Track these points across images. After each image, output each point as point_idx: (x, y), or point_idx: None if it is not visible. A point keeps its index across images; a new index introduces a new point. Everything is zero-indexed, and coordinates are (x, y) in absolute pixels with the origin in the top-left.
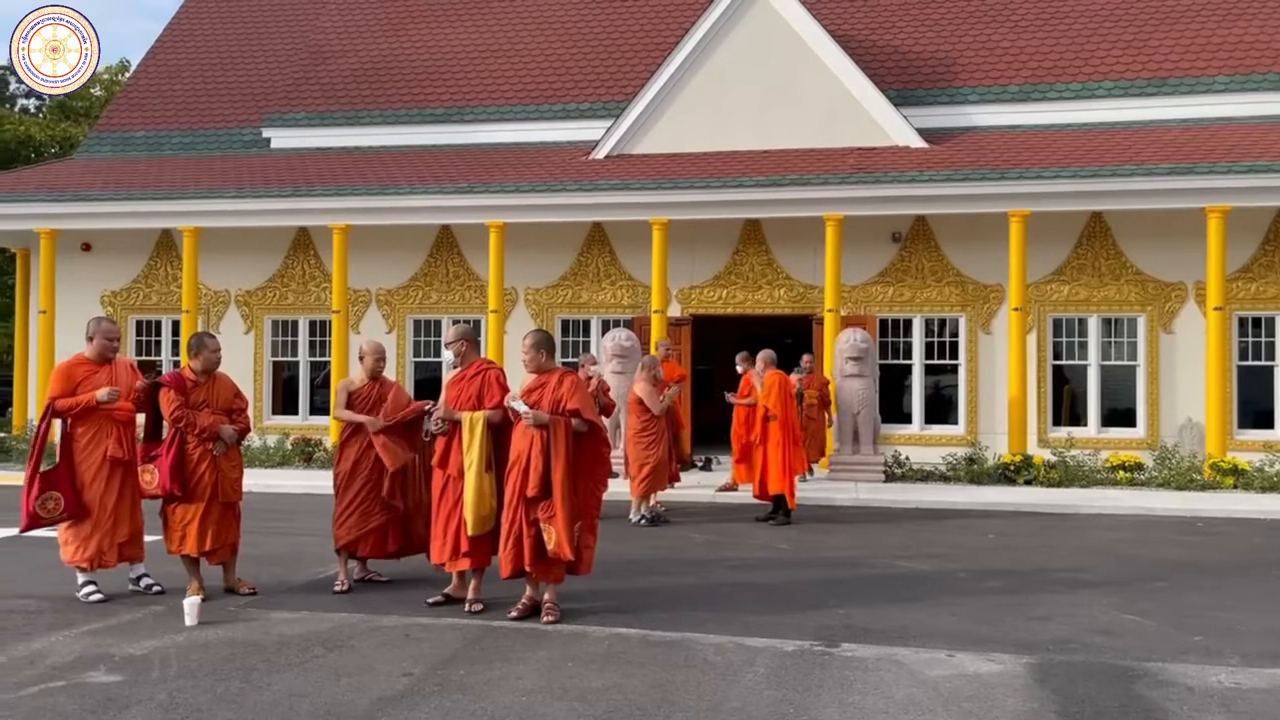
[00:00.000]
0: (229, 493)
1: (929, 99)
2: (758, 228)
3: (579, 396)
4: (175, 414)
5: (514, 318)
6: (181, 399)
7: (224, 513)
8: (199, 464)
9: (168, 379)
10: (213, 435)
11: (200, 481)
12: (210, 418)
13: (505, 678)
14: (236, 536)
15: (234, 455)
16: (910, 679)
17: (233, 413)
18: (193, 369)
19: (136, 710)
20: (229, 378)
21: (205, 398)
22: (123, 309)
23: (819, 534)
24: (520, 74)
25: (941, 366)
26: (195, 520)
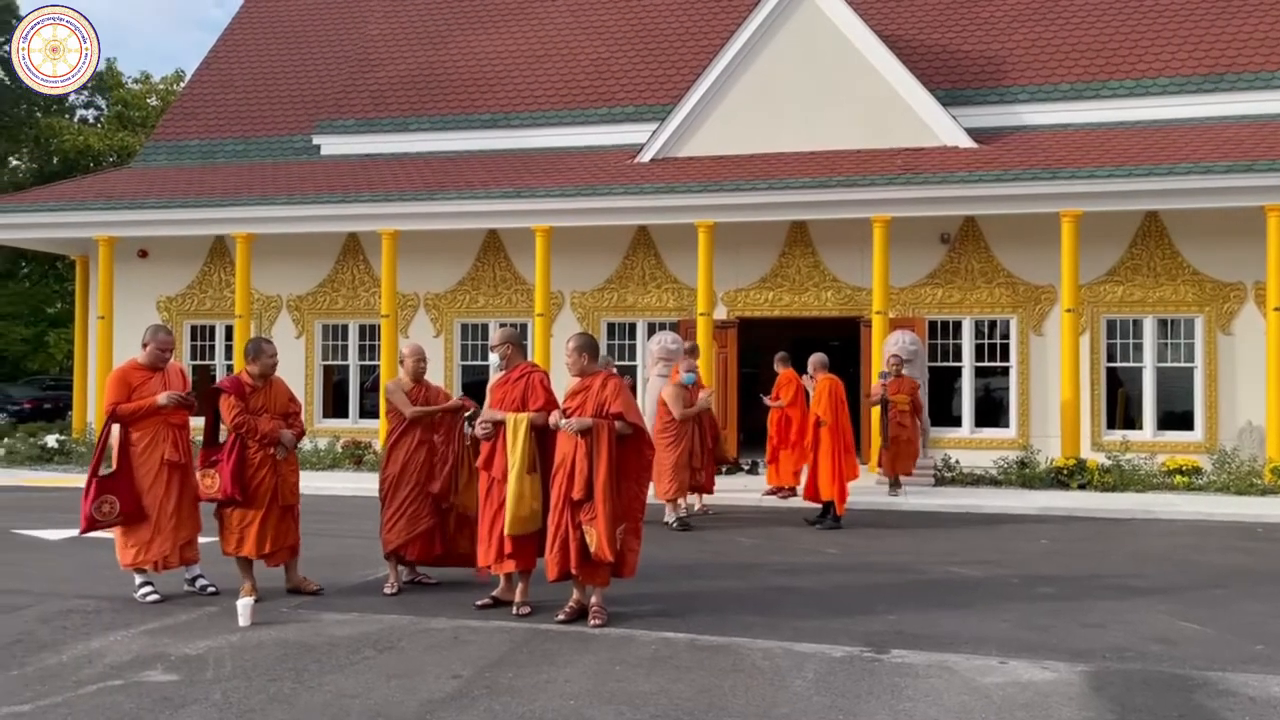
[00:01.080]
0: (288, 496)
1: (978, 98)
2: (804, 229)
3: (622, 400)
4: (236, 419)
5: (560, 321)
6: (241, 404)
7: (282, 515)
8: (259, 468)
9: (227, 384)
10: (273, 440)
11: (261, 485)
12: (270, 423)
13: (553, 681)
14: (296, 539)
15: (292, 459)
16: (962, 686)
17: (288, 416)
18: (250, 374)
19: (192, 709)
20: (284, 382)
21: (264, 402)
22: (178, 314)
23: (867, 539)
24: (566, 79)
25: (992, 369)
26: (255, 523)
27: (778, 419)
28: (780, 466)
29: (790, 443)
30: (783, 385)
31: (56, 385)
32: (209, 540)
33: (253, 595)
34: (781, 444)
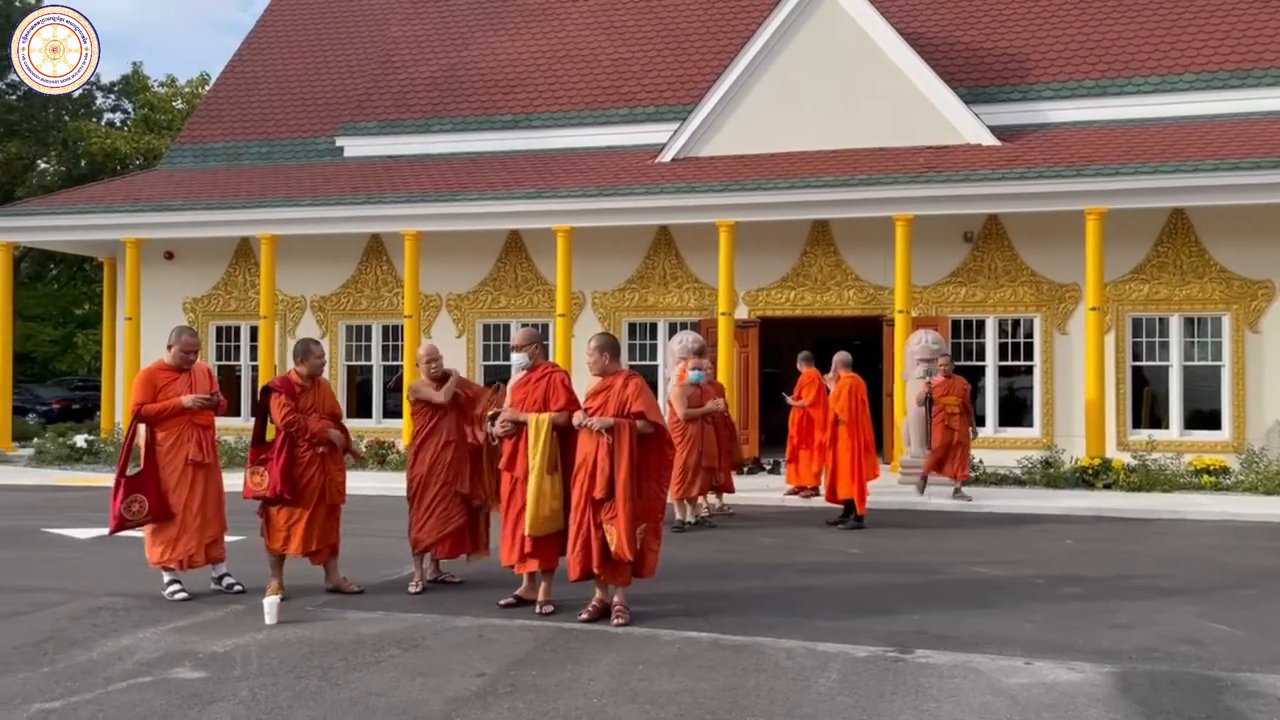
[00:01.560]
0: (334, 495)
1: (1001, 96)
2: (826, 229)
3: (644, 399)
4: (287, 418)
5: (581, 321)
6: (292, 403)
7: (328, 514)
8: (308, 467)
9: (278, 384)
10: (322, 439)
11: (309, 484)
12: (320, 422)
13: (577, 680)
14: (337, 538)
15: (339, 459)
16: (987, 687)
17: (336, 417)
18: (299, 374)
19: (220, 706)
20: (329, 384)
21: (312, 402)
22: (203, 315)
23: (890, 539)
24: (587, 79)
25: (1015, 368)
26: (302, 521)
27: (799, 419)
28: (800, 466)
29: (812, 443)
30: (805, 385)
31: (85, 386)
32: (235, 539)
33: (279, 594)
34: (803, 444)
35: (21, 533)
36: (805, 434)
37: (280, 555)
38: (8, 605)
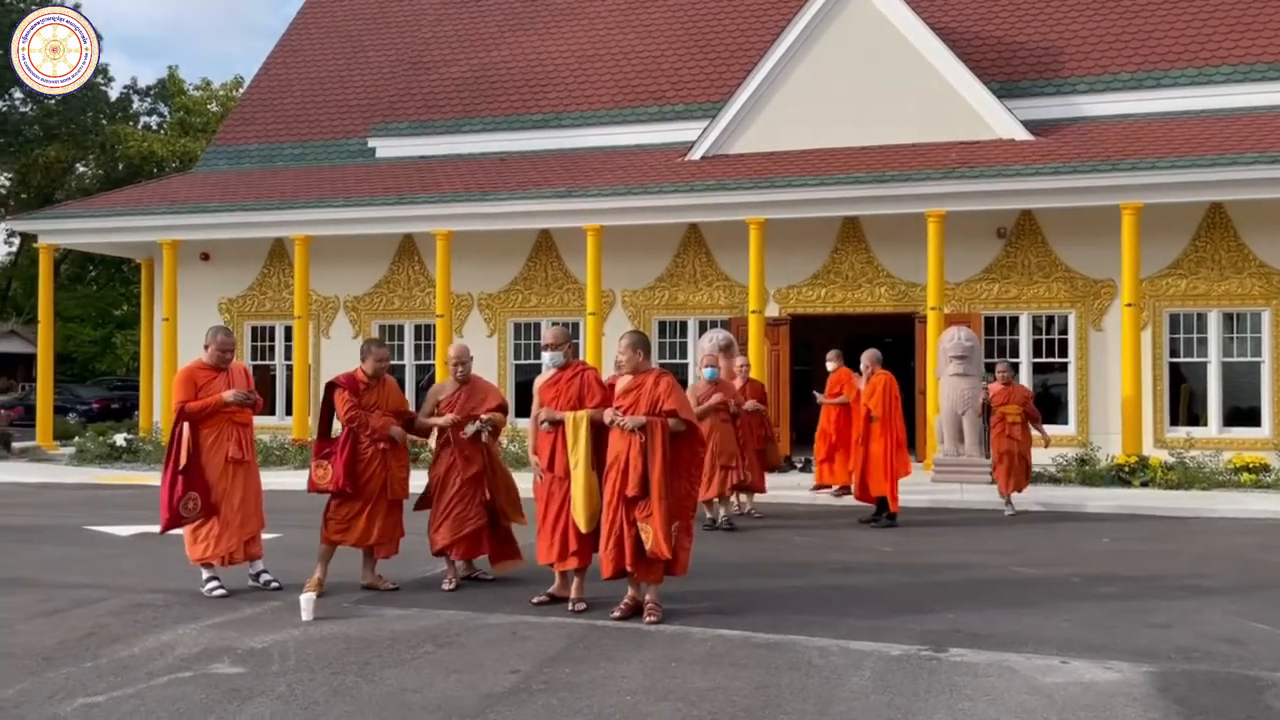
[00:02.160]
0: (396, 490)
1: (1035, 90)
2: (857, 225)
3: (676, 397)
4: (350, 414)
5: (611, 319)
6: (355, 400)
7: (389, 509)
8: (370, 462)
9: (343, 380)
10: (383, 436)
11: (371, 479)
12: (381, 419)
13: (610, 677)
14: (401, 533)
15: (402, 456)
16: (1023, 686)
17: (401, 415)
18: (364, 371)
19: (259, 701)
20: (395, 382)
21: (376, 400)
22: (239, 315)
23: (924, 537)
24: (616, 78)
25: (1050, 365)
26: (363, 515)
27: (836, 416)
28: (837, 465)
29: (849, 441)
30: (842, 383)
31: (123, 385)
32: (271, 536)
33: (319, 589)
34: (841, 442)
35: (64, 530)
36: (844, 432)
37: (331, 548)
38: (51, 602)
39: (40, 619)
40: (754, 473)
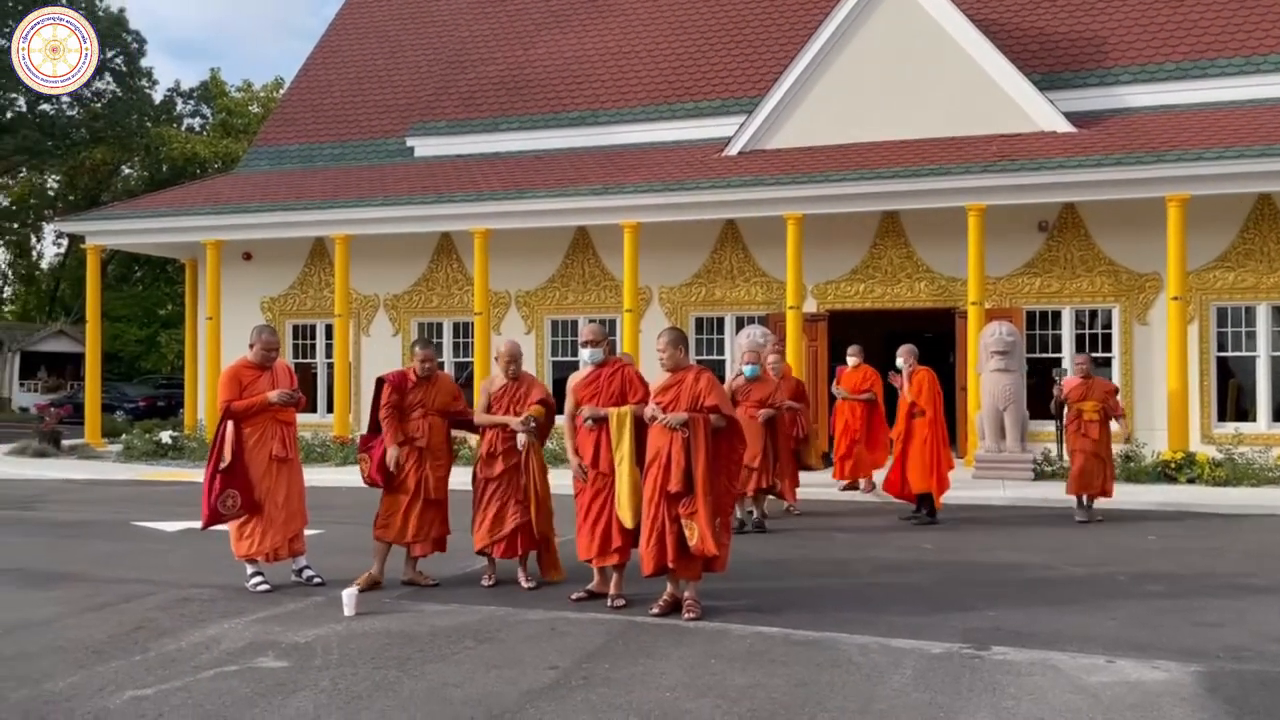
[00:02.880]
0: (431, 490)
1: (1077, 81)
2: (896, 220)
3: (717, 393)
4: (383, 414)
5: (648, 316)
6: (396, 398)
7: (426, 508)
8: (405, 460)
9: (390, 377)
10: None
11: (405, 477)
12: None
13: (649, 673)
14: (440, 532)
15: (441, 455)
16: (1067, 685)
17: (451, 414)
18: (416, 371)
19: (303, 695)
20: (451, 381)
21: (420, 399)
22: (280, 314)
23: (965, 534)
24: (653, 74)
25: (1093, 360)
26: (399, 512)
27: (860, 412)
28: (859, 461)
29: (877, 439)
30: (871, 380)
31: (168, 384)
32: (313, 533)
33: (368, 584)
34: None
35: (112, 526)
36: (876, 429)
37: (385, 544)
38: (101, 596)
39: (90, 613)
40: (785, 478)
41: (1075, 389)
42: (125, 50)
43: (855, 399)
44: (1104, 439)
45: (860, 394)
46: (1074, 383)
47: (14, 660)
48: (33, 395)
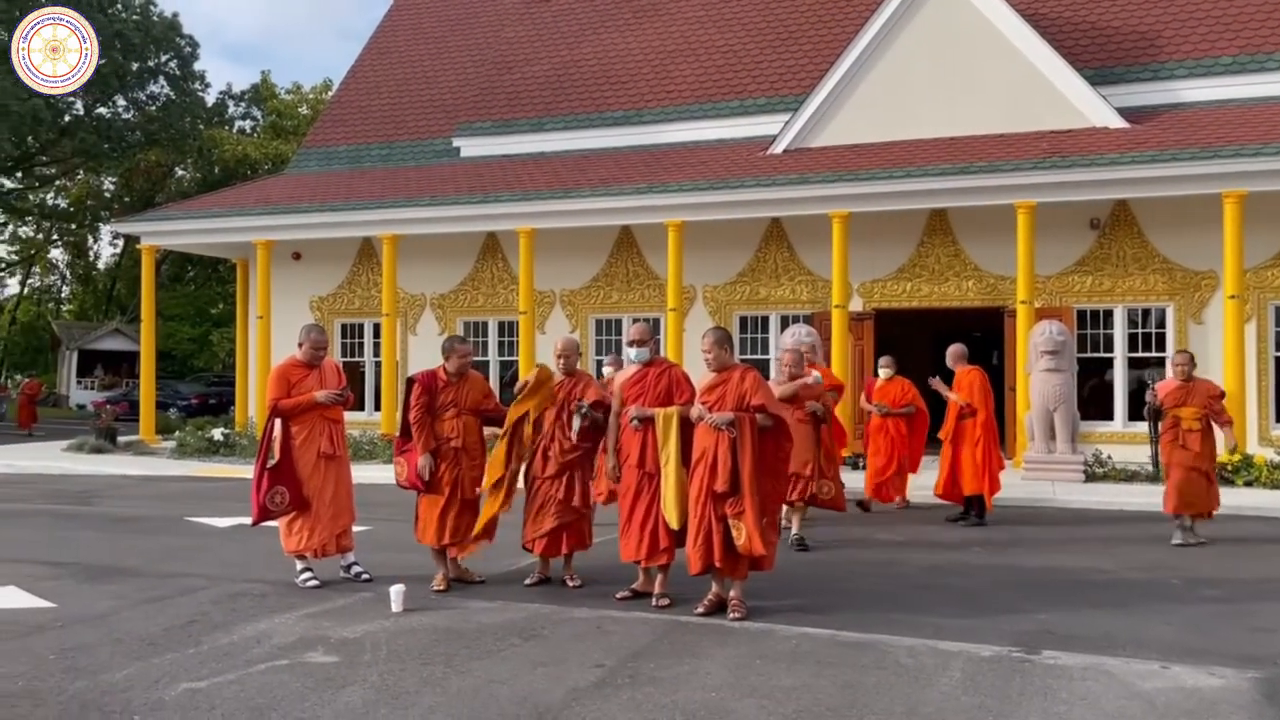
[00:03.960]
0: (469, 490)
1: (1130, 76)
2: (944, 218)
3: (763, 392)
4: (415, 416)
5: (692, 315)
6: (426, 399)
7: (463, 508)
8: (440, 461)
9: (420, 377)
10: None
11: (442, 477)
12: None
13: (694, 673)
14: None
15: (476, 454)
16: (1121, 690)
17: (483, 412)
18: (446, 370)
19: (352, 690)
20: (482, 378)
21: (454, 397)
22: (329, 313)
23: (1013, 536)
24: (696, 73)
25: (1146, 360)
26: (436, 513)
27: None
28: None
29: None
30: (911, 393)
31: (219, 381)
32: (361, 529)
33: (443, 586)
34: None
35: (167, 521)
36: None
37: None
38: (156, 590)
39: (146, 605)
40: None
41: (1172, 393)
42: (179, 54)
43: (897, 414)
44: (1207, 451)
45: (901, 409)
46: (1170, 385)
47: (74, 651)
48: (89, 392)
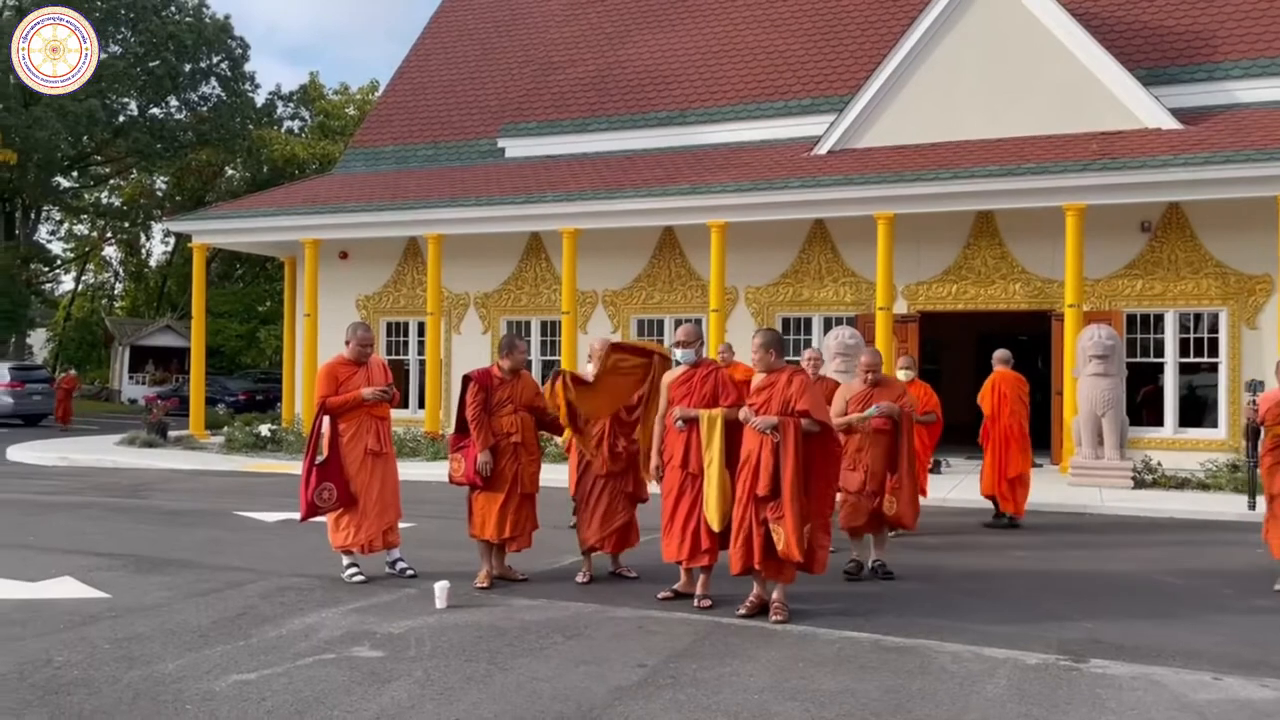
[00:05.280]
0: (527, 484)
1: (1184, 76)
2: (990, 219)
3: (808, 397)
4: (473, 414)
5: (734, 316)
6: (483, 396)
7: (522, 503)
8: (500, 456)
9: (476, 375)
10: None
11: (501, 472)
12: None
13: (736, 675)
14: (534, 526)
15: (533, 450)
16: (1171, 701)
17: (535, 410)
18: (501, 367)
19: (398, 685)
20: (532, 378)
21: (509, 395)
22: (374, 312)
23: (1059, 542)
24: (741, 74)
25: (1197, 365)
26: (496, 508)
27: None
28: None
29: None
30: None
31: (267, 378)
32: (406, 526)
33: (487, 583)
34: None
35: (216, 515)
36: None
37: (485, 543)
38: (207, 582)
39: (197, 598)
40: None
41: (1275, 407)
42: (230, 56)
43: (921, 421)
44: None
45: (923, 415)
46: (1276, 397)
47: (128, 641)
48: (141, 387)
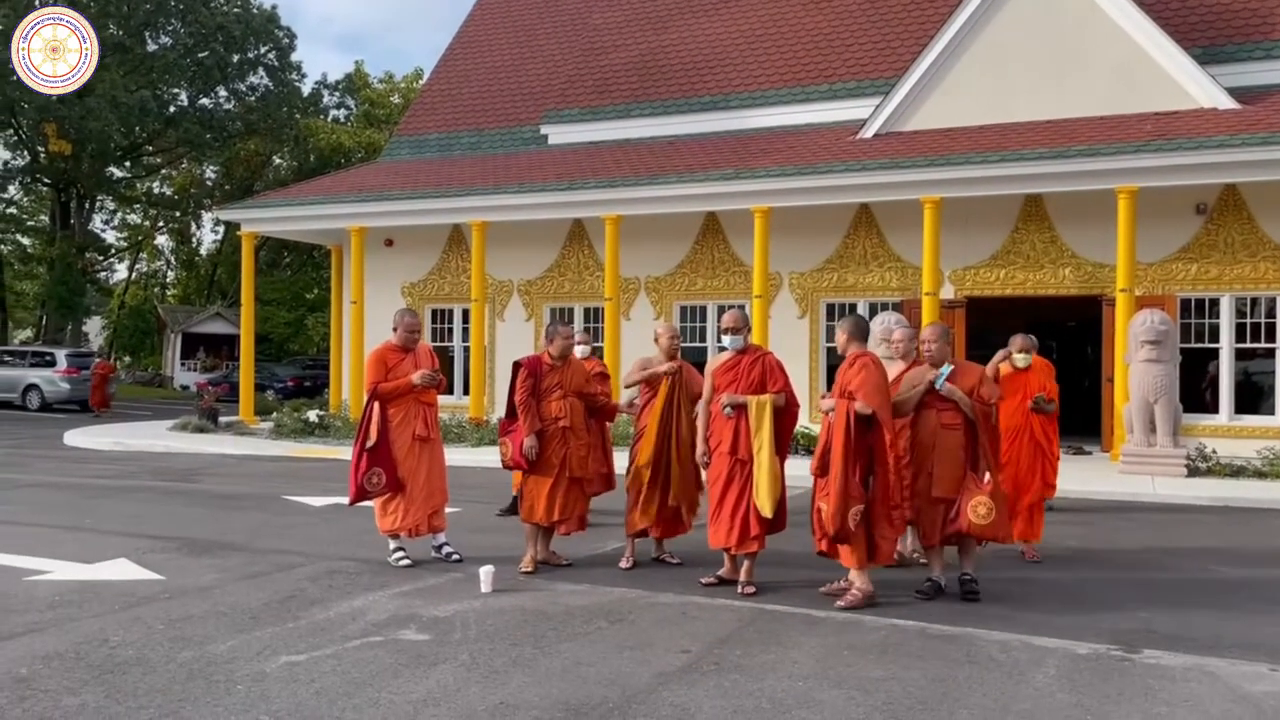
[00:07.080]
0: (576, 469)
1: (1241, 54)
2: (1040, 203)
3: (860, 378)
4: (520, 399)
5: (778, 302)
6: (532, 382)
7: (571, 487)
8: (550, 441)
9: (525, 361)
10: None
11: (550, 457)
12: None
13: (781, 661)
14: (584, 509)
15: (583, 434)
16: (1227, 693)
17: (585, 395)
18: (550, 354)
19: (444, 668)
20: (582, 364)
21: (559, 380)
22: (419, 299)
23: (1111, 531)
24: (786, 57)
25: (1254, 350)
26: (544, 492)
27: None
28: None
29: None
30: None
31: (314, 364)
32: (452, 511)
33: (531, 567)
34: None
35: (266, 499)
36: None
37: (535, 527)
38: (256, 565)
39: (247, 581)
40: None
41: None
42: (277, 46)
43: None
44: None
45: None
46: None
47: (181, 623)
48: (192, 374)
